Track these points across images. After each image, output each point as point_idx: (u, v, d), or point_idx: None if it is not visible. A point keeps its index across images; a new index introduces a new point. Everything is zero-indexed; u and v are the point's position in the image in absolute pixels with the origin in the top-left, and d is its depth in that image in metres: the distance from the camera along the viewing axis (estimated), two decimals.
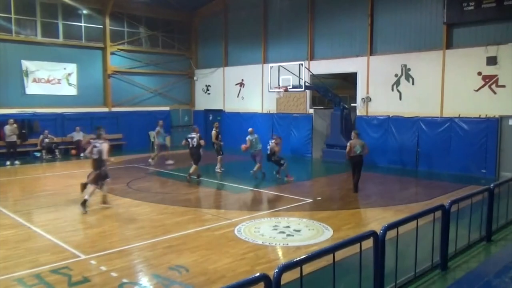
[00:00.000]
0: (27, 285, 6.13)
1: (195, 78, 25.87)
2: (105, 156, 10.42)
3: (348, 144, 12.33)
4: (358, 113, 18.43)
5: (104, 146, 10.42)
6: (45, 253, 7.43)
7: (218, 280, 6.28)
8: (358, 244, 4.82)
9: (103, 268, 6.74)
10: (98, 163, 10.52)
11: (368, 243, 4.98)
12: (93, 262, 7.02)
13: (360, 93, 18.33)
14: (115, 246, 7.82)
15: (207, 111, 25.39)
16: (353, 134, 12.58)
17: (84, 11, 21.67)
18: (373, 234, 4.92)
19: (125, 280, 6.27)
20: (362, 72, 18.21)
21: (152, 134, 23.66)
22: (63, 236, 8.39)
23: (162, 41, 24.78)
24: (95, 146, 10.51)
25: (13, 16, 19.50)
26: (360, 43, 18.25)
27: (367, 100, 18.04)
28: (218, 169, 15.86)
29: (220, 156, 15.98)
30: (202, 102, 25.72)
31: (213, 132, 16.33)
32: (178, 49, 25.41)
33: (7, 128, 17.78)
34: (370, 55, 17.87)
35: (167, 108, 24.84)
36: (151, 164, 17.35)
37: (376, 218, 9.90)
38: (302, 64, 17.67)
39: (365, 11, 17.96)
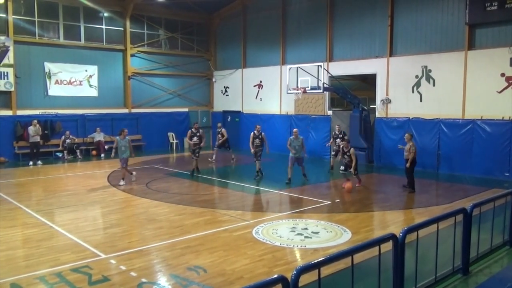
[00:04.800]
0: (48, 283, 6.24)
1: (213, 79, 26.00)
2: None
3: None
4: (378, 114, 18.25)
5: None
6: (66, 252, 7.56)
7: (236, 281, 6.29)
8: (377, 247, 4.78)
9: (123, 267, 6.82)
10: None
11: (387, 246, 4.93)
12: (112, 261, 7.11)
13: (380, 94, 18.15)
14: (134, 246, 7.91)
15: (226, 113, 25.48)
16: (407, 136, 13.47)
17: (105, 14, 22.00)
18: (392, 237, 4.88)
19: (144, 280, 6.33)
20: (381, 74, 18.03)
21: (172, 135, 23.93)
22: (83, 235, 8.53)
23: (181, 43, 24.99)
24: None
25: (36, 19, 19.93)
26: (380, 44, 18.08)
27: (386, 101, 17.85)
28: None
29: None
30: (221, 104, 25.83)
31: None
32: (197, 51, 25.58)
33: (31, 129, 18.16)
34: (390, 56, 17.68)
35: (186, 110, 25.03)
36: None
37: (395, 221, 9.79)
38: (320, 66, 17.59)
39: (385, 11, 17.79)
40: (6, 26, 18.97)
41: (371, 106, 19.90)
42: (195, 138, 15.88)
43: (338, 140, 16.14)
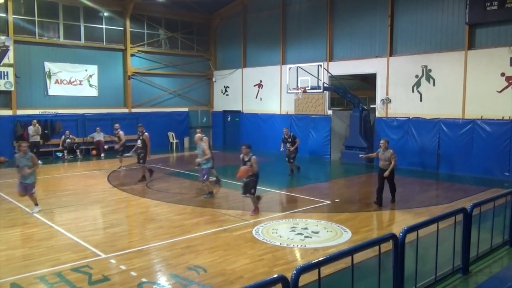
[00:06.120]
0: (48, 283, 6.24)
1: (213, 79, 25.99)
2: None
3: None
4: (378, 114, 18.25)
5: None
6: (66, 251, 7.56)
7: (236, 280, 6.29)
8: (377, 246, 4.78)
9: (123, 267, 6.82)
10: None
11: (388, 246, 4.94)
12: (112, 261, 7.11)
13: (380, 94, 18.15)
14: (134, 245, 7.91)
15: (226, 112, 25.49)
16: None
17: (105, 14, 21.99)
18: (392, 236, 4.88)
19: (144, 280, 6.33)
20: (381, 73, 18.04)
21: (172, 135, 23.93)
22: (83, 235, 8.53)
23: (181, 42, 24.99)
24: None
25: (36, 19, 19.93)
26: (380, 44, 18.08)
27: (386, 101, 17.85)
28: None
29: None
30: (221, 103, 25.83)
31: None
32: (197, 51, 25.58)
33: (31, 129, 18.18)
34: (390, 56, 17.68)
35: (186, 109, 25.02)
36: None
37: (395, 221, 9.79)
38: (320, 65, 17.60)
39: (385, 11, 17.79)
40: (6, 25, 18.96)
41: (371, 106, 19.90)
42: (138, 142, 14.48)
43: (288, 144, 15.19)
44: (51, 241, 8.18)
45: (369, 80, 21.61)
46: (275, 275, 3.60)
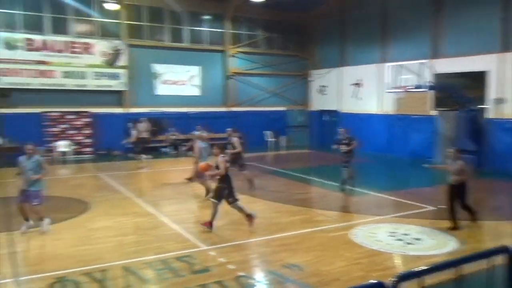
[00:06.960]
0: (155, 269, 6.72)
1: (310, 78, 25.90)
2: None
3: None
4: (489, 115, 16.79)
5: None
6: (171, 241, 8.07)
7: (331, 282, 6.23)
8: (488, 259, 4.41)
9: (222, 259, 7.09)
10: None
11: (500, 260, 4.53)
12: (212, 253, 7.43)
13: (491, 93, 16.68)
14: (232, 239, 8.19)
15: (322, 112, 25.26)
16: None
17: (207, 17, 23.06)
18: (506, 249, 4.46)
19: (241, 273, 6.52)
20: (493, 71, 16.54)
21: (269, 133, 24.30)
22: (186, 226, 9.03)
23: (279, 42, 25.28)
24: None
25: (145, 23, 21.57)
26: (491, 39, 16.51)
27: (499, 101, 16.34)
28: None
29: None
30: (318, 103, 25.66)
31: None
32: (294, 50, 25.68)
33: (141, 126, 19.69)
34: (504, 52, 16.14)
35: (283, 109, 25.27)
36: None
37: (508, 232, 8.95)
38: (423, 63, 16.65)
39: (496, 3, 16.25)
40: (120, 30, 20.75)
41: (481, 106, 18.39)
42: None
43: (343, 146, 12.84)
44: (157, 231, 8.79)
45: (478, 78, 19.96)
46: (373, 281, 3.49)
